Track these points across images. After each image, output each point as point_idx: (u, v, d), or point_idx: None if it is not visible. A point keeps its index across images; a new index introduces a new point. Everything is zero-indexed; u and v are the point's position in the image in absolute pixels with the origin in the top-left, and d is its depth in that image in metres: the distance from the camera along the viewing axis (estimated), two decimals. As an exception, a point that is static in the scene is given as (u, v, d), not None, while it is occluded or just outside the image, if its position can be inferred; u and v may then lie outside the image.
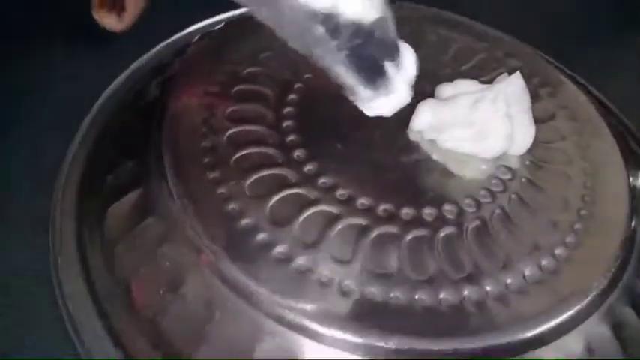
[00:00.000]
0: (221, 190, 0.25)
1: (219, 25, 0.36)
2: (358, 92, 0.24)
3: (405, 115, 0.29)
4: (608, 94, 0.37)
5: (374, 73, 0.24)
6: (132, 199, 0.27)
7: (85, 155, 0.30)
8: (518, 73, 0.28)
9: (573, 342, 0.24)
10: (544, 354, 0.23)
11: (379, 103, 0.25)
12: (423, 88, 0.29)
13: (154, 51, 0.35)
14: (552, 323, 0.23)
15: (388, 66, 0.24)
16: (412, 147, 0.29)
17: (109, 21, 0.31)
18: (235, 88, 0.30)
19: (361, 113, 0.28)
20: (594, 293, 0.24)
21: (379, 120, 0.30)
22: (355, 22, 0.22)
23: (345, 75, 0.23)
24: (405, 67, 0.25)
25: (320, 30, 0.22)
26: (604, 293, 0.25)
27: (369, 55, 0.23)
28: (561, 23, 0.48)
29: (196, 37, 0.35)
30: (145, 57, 0.34)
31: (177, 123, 0.28)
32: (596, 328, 0.24)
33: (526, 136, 0.29)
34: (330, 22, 0.22)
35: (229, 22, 0.36)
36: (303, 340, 0.22)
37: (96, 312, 0.25)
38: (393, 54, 0.24)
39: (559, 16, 0.48)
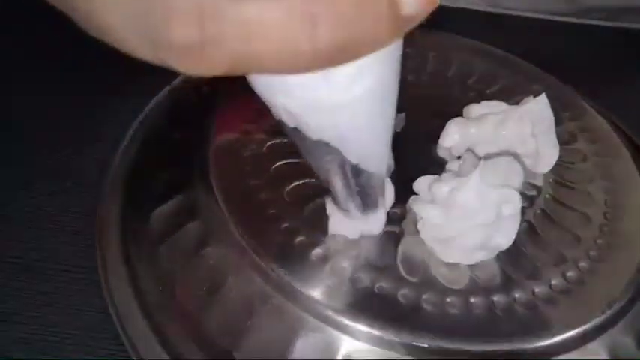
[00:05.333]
0: (262, 196, 0.27)
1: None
2: (348, 210, 0.25)
3: (435, 132, 0.31)
4: (618, 117, 0.39)
5: (366, 201, 0.25)
6: (175, 204, 0.28)
7: (130, 162, 0.32)
8: (543, 95, 0.29)
9: (597, 350, 0.25)
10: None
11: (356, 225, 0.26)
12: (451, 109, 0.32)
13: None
14: (577, 330, 0.25)
15: (379, 198, 0.25)
16: (440, 162, 0.30)
17: None
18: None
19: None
20: (618, 303, 0.25)
21: (409, 138, 0.31)
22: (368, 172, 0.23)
23: (342, 194, 0.24)
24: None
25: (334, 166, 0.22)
26: (628, 304, 0.26)
27: (367, 192, 0.24)
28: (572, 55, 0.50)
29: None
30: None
31: (220, 135, 0.30)
32: (620, 337, 0.25)
33: (550, 155, 0.30)
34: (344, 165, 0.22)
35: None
36: (342, 337, 0.23)
37: (139, 307, 0.26)
38: (383, 190, 0.25)
39: (570, 48, 0.50)
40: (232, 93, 0.32)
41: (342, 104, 0.19)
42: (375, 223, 0.26)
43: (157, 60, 0.16)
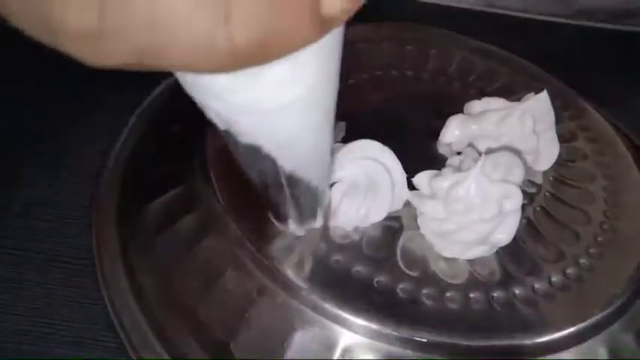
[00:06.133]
0: (261, 189, 0.27)
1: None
2: (286, 220, 0.24)
3: (435, 128, 0.31)
4: (618, 117, 0.38)
5: (303, 212, 0.24)
6: (173, 196, 0.28)
7: (127, 155, 0.32)
8: (544, 92, 0.29)
9: (597, 347, 0.25)
10: (567, 357, 0.24)
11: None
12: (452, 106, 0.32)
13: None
14: (577, 328, 0.24)
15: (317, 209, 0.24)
16: (440, 159, 0.30)
17: None
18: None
19: (393, 127, 0.30)
20: (618, 301, 0.25)
21: (409, 133, 0.31)
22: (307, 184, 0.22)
23: (277, 204, 0.23)
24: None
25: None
26: (628, 301, 0.26)
27: (304, 202, 0.23)
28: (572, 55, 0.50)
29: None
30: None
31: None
32: (620, 335, 0.25)
33: (551, 152, 0.30)
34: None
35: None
36: (341, 330, 0.23)
37: (135, 299, 0.26)
38: (321, 201, 0.24)
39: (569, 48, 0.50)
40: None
41: (275, 108, 0.18)
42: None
43: (55, 46, 0.14)
